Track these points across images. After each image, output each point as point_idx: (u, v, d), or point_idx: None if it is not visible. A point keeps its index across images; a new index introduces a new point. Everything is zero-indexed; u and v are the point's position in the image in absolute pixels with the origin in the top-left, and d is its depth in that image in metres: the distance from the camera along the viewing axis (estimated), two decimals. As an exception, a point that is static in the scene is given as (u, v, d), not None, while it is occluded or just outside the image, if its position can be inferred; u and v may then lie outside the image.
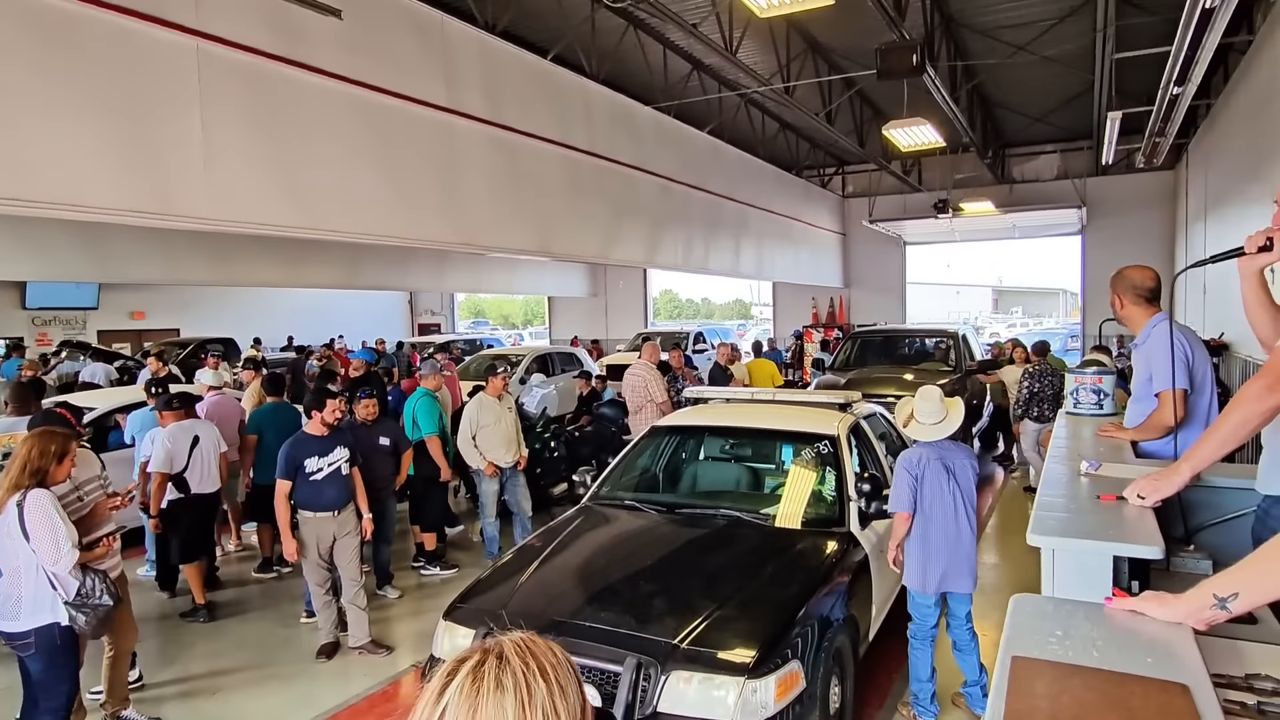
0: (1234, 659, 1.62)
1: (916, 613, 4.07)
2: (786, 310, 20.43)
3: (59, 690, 3.41)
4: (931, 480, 3.96)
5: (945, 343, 10.15)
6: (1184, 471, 2.10)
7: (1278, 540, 1.46)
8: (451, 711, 0.83)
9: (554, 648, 0.91)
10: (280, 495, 4.86)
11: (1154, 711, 1.08)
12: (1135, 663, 1.28)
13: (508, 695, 0.83)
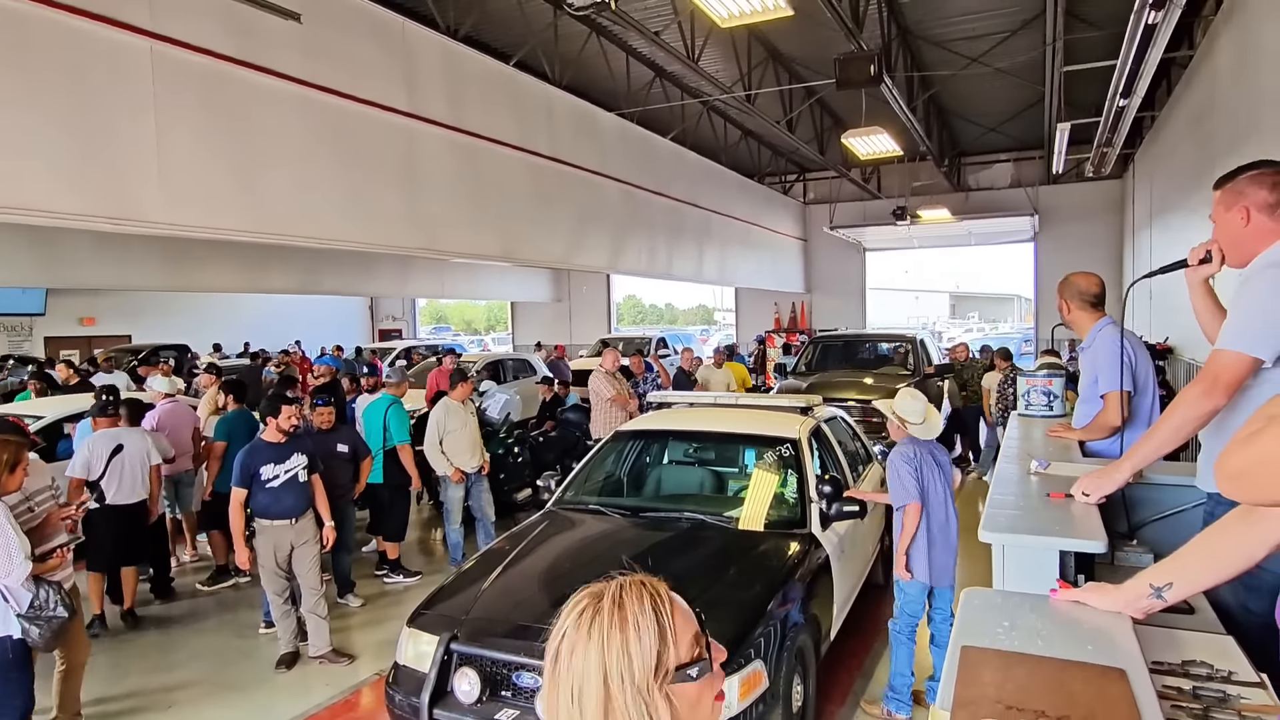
0: (1171, 647, 1.69)
1: (907, 606, 4.13)
2: (749, 315, 20.63)
3: (12, 705, 3.32)
4: (927, 471, 4.09)
5: (904, 347, 10.35)
6: (1125, 469, 2.19)
7: (1206, 533, 1.54)
8: (569, 636, 1.02)
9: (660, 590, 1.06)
10: (235, 503, 4.79)
11: (1092, 695, 1.13)
12: (1077, 650, 1.34)
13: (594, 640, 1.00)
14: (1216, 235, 2.22)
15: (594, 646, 1.00)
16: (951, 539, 4.14)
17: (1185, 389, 2.18)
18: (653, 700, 0.99)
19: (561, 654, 1.03)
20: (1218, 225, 2.20)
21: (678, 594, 1.14)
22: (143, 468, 5.58)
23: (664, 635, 1.01)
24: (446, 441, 6.27)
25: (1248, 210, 2.06)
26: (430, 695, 3.29)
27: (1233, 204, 2.10)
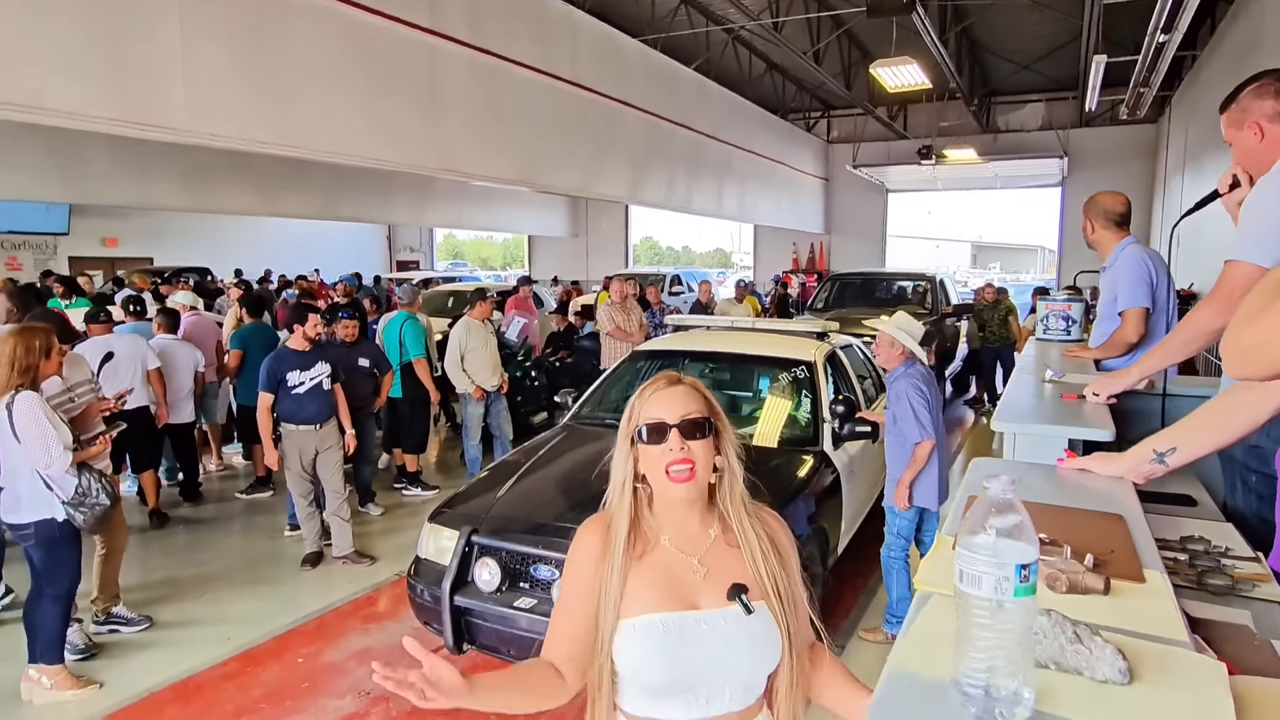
0: (1172, 528, 1.76)
1: (902, 531, 4.18)
2: (767, 255, 20.48)
3: (60, 579, 3.50)
4: (934, 400, 4.14)
5: (923, 286, 10.30)
6: (1134, 374, 2.23)
7: (1211, 401, 1.59)
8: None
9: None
10: (263, 408, 4.92)
11: (1091, 531, 1.20)
12: (1079, 504, 1.40)
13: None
14: (1235, 158, 2.20)
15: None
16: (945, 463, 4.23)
17: (1200, 303, 2.20)
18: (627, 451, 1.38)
19: None
20: (1234, 147, 2.18)
21: None
22: (135, 374, 5.49)
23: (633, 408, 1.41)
24: (468, 359, 6.36)
25: (1259, 125, 2.04)
26: (451, 583, 3.44)
27: (1241, 122, 2.07)
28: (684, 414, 1.34)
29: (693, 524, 1.40)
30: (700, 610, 1.33)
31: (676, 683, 1.31)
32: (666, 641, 1.30)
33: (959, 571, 0.74)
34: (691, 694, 1.32)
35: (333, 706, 3.57)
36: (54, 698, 3.53)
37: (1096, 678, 0.77)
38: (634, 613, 1.32)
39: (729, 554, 1.38)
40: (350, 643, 4.15)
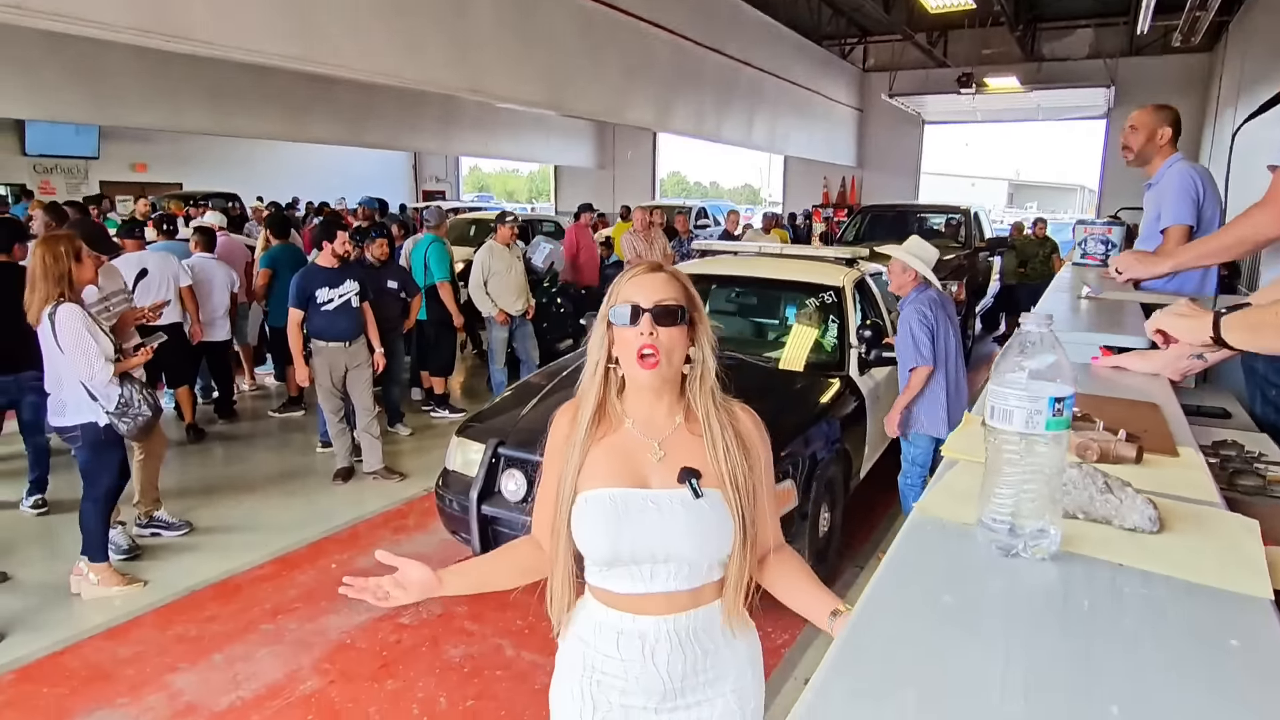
0: (1206, 436, 1.74)
1: (917, 459, 4.17)
2: (796, 189, 20.05)
3: (101, 480, 3.64)
4: (944, 329, 4.06)
5: (956, 219, 10.06)
6: (1165, 264, 2.17)
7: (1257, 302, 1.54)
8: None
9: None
10: (293, 324, 4.98)
11: (1125, 414, 1.18)
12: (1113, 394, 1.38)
13: None
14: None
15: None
16: (963, 391, 4.11)
17: (1252, 208, 2.12)
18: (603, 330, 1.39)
19: None
20: None
21: None
22: (169, 291, 5.54)
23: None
24: (491, 284, 6.36)
25: None
26: (479, 493, 3.51)
27: None
28: (658, 299, 1.35)
29: (660, 411, 1.42)
30: (650, 489, 1.38)
31: (619, 555, 1.36)
32: (612, 515, 1.36)
33: (990, 408, 0.73)
34: (635, 567, 1.38)
35: (364, 608, 3.67)
36: (101, 593, 3.70)
37: (1125, 525, 0.77)
38: (588, 487, 1.39)
39: (691, 441, 1.40)
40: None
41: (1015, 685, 0.51)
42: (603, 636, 1.43)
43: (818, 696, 0.49)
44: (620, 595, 1.41)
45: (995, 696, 0.50)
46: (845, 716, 0.48)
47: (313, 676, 3.18)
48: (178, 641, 3.41)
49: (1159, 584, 0.66)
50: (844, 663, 0.54)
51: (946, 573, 0.68)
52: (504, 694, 3.08)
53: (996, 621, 0.60)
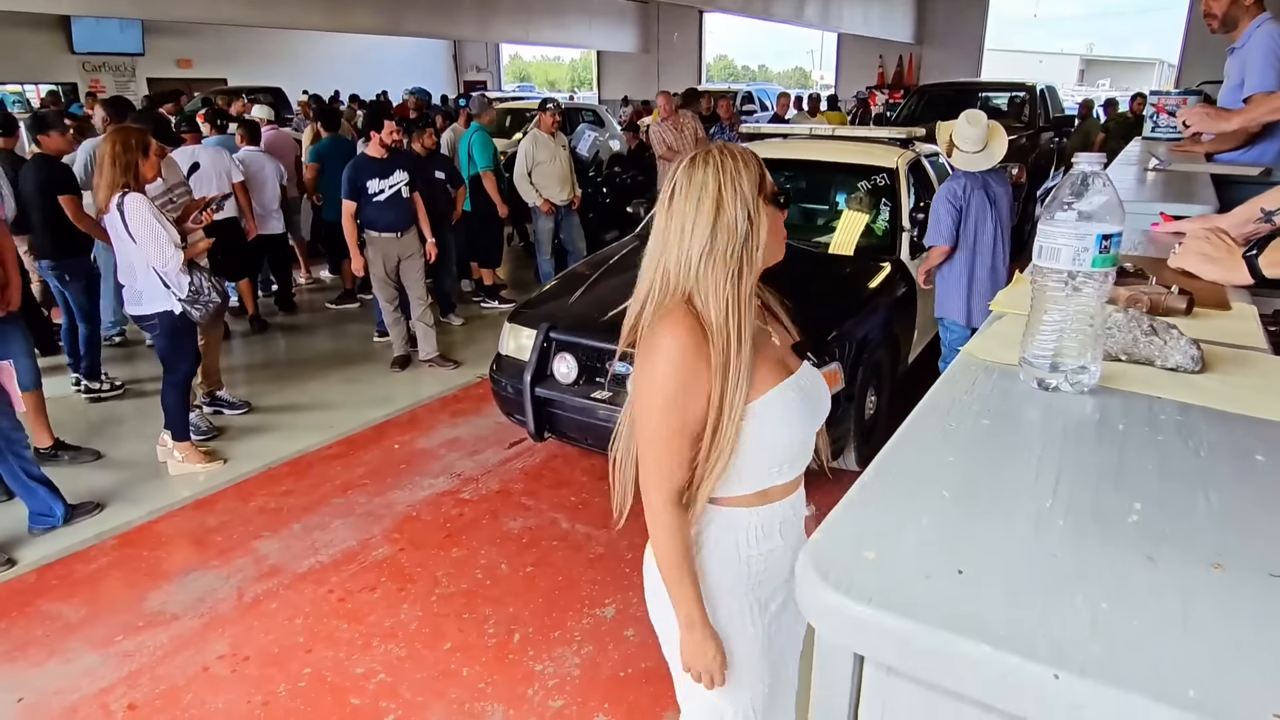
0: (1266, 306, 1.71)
1: (955, 343, 4.16)
2: (850, 71, 19.11)
3: (179, 365, 3.86)
4: (976, 212, 3.92)
5: (1020, 97, 9.54)
6: (1236, 120, 2.07)
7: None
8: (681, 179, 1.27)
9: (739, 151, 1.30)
10: (347, 215, 5.06)
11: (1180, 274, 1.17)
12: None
13: (710, 166, 1.25)
14: None
15: (710, 172, 1.23)
16: (999, 281, 3.93)
17: None
18: (757, 210, 1.23)
19: (676, 193, 1.26)
20: None
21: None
22: (221, 185, 5.54)
23: (761, 165, 1.26)
24: (535, 173, 6.31)
25: None
26: (532, 376, 3.63)
27: None
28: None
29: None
30: (796, 374, 1.36)
31: (807, 445, 1.37)
32: (796, 408, 1.32)
33: (1037, 248, 0.74)
34: (805, 452, 1.38)
35: (427, 484, 3.93)
36: (186, 469, 3.99)
37: (1168, 365, 0.79)
38: (760, 392, 1.29)
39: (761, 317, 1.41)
40: (440, 433, 4.48)
41: (1047, 480, 0.56)
42: (756, 537, 1.38)
43: (861, 490, 0.54)
44: (782, 485, 1.37)
45: (1026, 496, 0.54)
46: (887, 502, 0.53)
47: (383, 544, 3.42)
48: (259, 513, 3.68)
49: (1195, 413, 0.69)
50: (887, 461, 0.58)
51: (985, 400, 0.72)
52: (560, 562, 3.28)
53: (1032, 439, 0.64)
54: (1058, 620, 0.42)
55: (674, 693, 1.58)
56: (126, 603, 3.03)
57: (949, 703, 0.43)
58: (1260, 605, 0.43)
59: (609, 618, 2.92)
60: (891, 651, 0.44)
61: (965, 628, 0.41)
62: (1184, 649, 0.40)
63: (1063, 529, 0.51)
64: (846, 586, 0.44)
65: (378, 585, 3.13)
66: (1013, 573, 0.46)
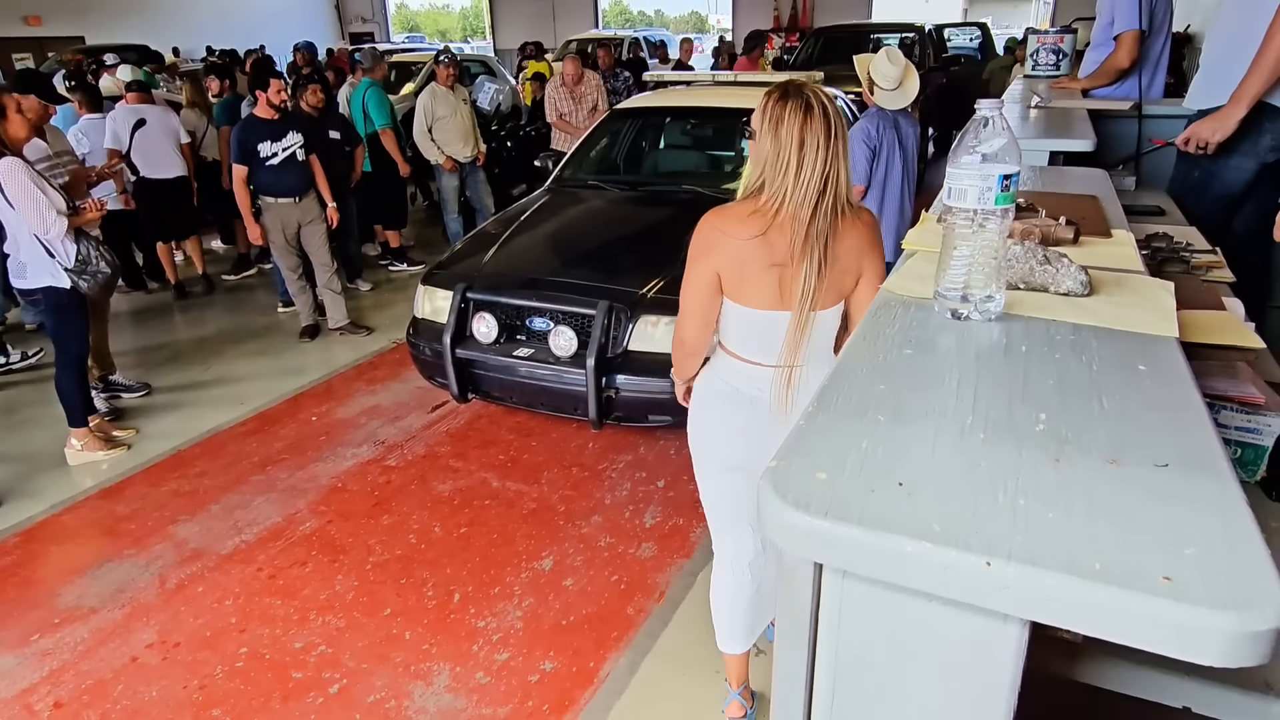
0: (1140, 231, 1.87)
1: None
2: (746, 14, 19.13)
3: (70, 345, 3.64)
4: (887, 151, 4.04)
5: (911, 38, 9.79)
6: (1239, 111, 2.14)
7: None
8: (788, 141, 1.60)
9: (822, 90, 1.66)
10: (238, 180, 4.82)
11: (1066, 205, 1.28)
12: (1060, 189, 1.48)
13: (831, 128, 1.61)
14: None
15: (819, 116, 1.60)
16: (905, 221, 4.07)
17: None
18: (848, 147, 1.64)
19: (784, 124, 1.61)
20: None
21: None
22: (167, 142, 5.75)
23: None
24: (436, 129, 6.13)
25: None
26: (452, 337, 3.59)
27: None
28: None
29: None
30: None
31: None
32: None
33: (946, 189, 0.81)
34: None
35: (350, 453, 3.86)
36: (87, 458, 3.79)
37: (1060, 290, 0.88)
38: None
39: None
40: (359, 401, 4.39)
41: (966, 401, 0.62)
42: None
43: (809, 420, 0.60)
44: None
45: (950, 414, 0.61)
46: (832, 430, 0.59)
47: (310, 518, 3.36)
48: (173, 497, 3.55)
49: (1086, 332, 0.78)
50: (829, 394, 0.64)
51: (906, 332, 0.78)
52: (494, 520, 3.31)
53: (949, 364, 0.71)
54: (985, 518, 0.48)
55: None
56: (38, 600, 2.90)
57: (896, 596, 0.49)
58: (1149, 489, 0.51)
59: (547, 569, 2.98)
60: (846, 557, 0.49)
61: (908, 530, 0.47)
62: (1090, 531, 0.47)
63: (982, 441, 0.57)
64: (805, 504, 0.50)
65: (308, 559, 3.09)
66: (943, 481, 0.52)
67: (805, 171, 1.57)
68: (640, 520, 3.25)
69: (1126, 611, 0.42)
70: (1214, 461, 0.53)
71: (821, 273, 1.62)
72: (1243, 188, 2.32)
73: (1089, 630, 0.42)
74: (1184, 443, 0.56)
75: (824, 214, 1.60)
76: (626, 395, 3.41)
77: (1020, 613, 0.45)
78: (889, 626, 0.51)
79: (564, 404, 3.55)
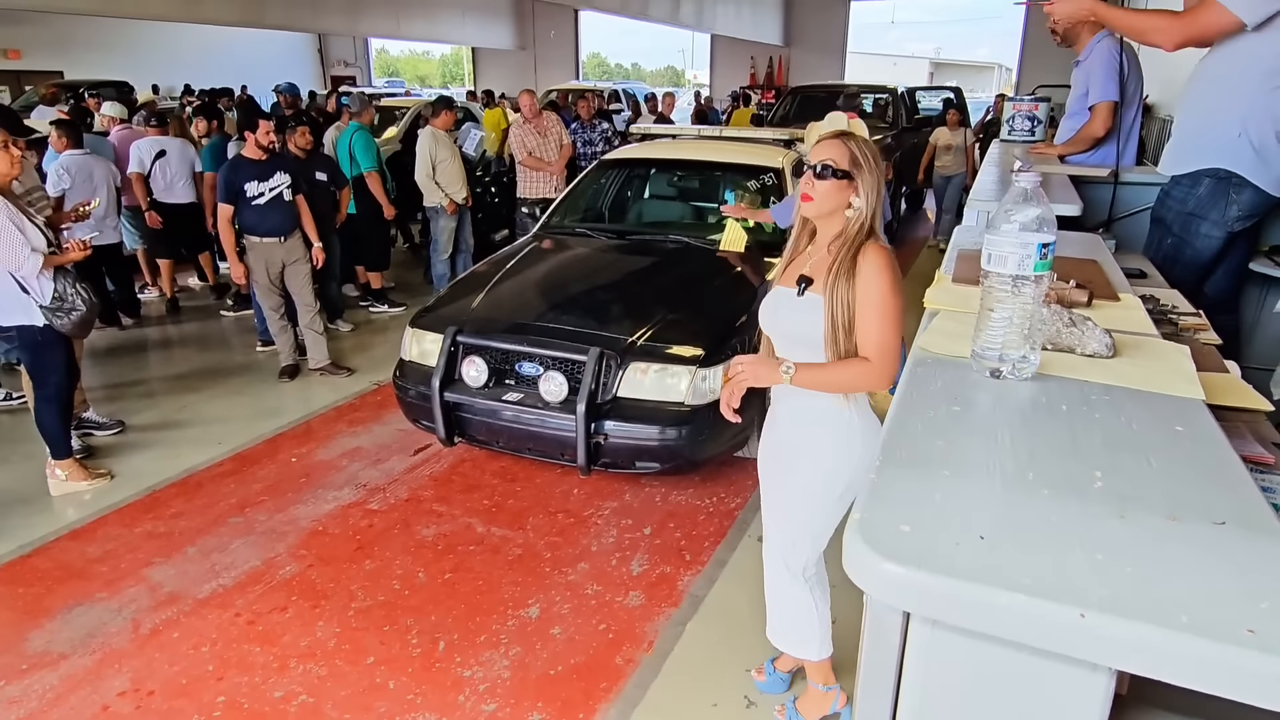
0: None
1: None
2: (724, 71, 19.68)
3: (51, 378, 3.56)
4: None
5: (884, 99, 10.14)
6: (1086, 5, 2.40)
7: None
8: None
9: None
10: (223, 219, 4.81)
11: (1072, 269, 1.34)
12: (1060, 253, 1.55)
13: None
14: None
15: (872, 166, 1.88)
16: None
17: (1167, 12, 2.27)
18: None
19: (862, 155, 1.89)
20: None
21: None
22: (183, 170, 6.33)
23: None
24: (439, 172, 6.17)
25: None
26: (440, 380, 3.58)
27: None
28: (822, 159, 1.85)
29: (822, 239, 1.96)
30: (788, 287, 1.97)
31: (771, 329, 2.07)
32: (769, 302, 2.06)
33: (986, 255, 0.85)
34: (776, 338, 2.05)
35: (331, 496, 3.80)
36: (70, 488, 3.71)
37: (1086, 352, 0.92)
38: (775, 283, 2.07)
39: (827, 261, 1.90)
40: (340, 443, 4.34)
41: (1023, 457, 0.65)
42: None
43: (879, 473, 0.62)
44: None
45: (1010, 466, 0.64)
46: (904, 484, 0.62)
47: (290, 562, 3.29)
48: (148, 538, 3.45)
49: (1119, 392, 0.82)
50: (891, 448, 0.67)
51: (949, 390, 0.82)
52: (479, 566, 3.27)
53: (998, 421, 0.74)
54: (1069, 570, 0.51)
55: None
56: (4, 645, 2.79)
57: (984, 645, 0.51)
58: (1212, 545, 0.54)
59: (534, 617, 2.94)
60: (938, 606, 0.52)
61: (1000, 581, 0.50)
62: (1169, 585, 0.50)
63: (1047, 497, 0.60)
64: (897, 555, 0.52)
65: (288, 604, 3.02)
66: (1021, 535, 0.55)
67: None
68: (627, 568, 3.24)
69: (1216, 662, 0.44)
70: (1267, 520, 0.57)
71: None
72: (1213, 254, 2.43)
73: (1178, 680, 0.45)
74: (1235, 501, 0.60)
75: None
76: (615, 441, 3.42)
77: (1111, 662, 0.48)
78: (975, 674, 0.53)
79: (551, 449, 3.55)
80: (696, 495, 3.78)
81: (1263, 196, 2.26)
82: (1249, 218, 2.31)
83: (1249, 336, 2.65)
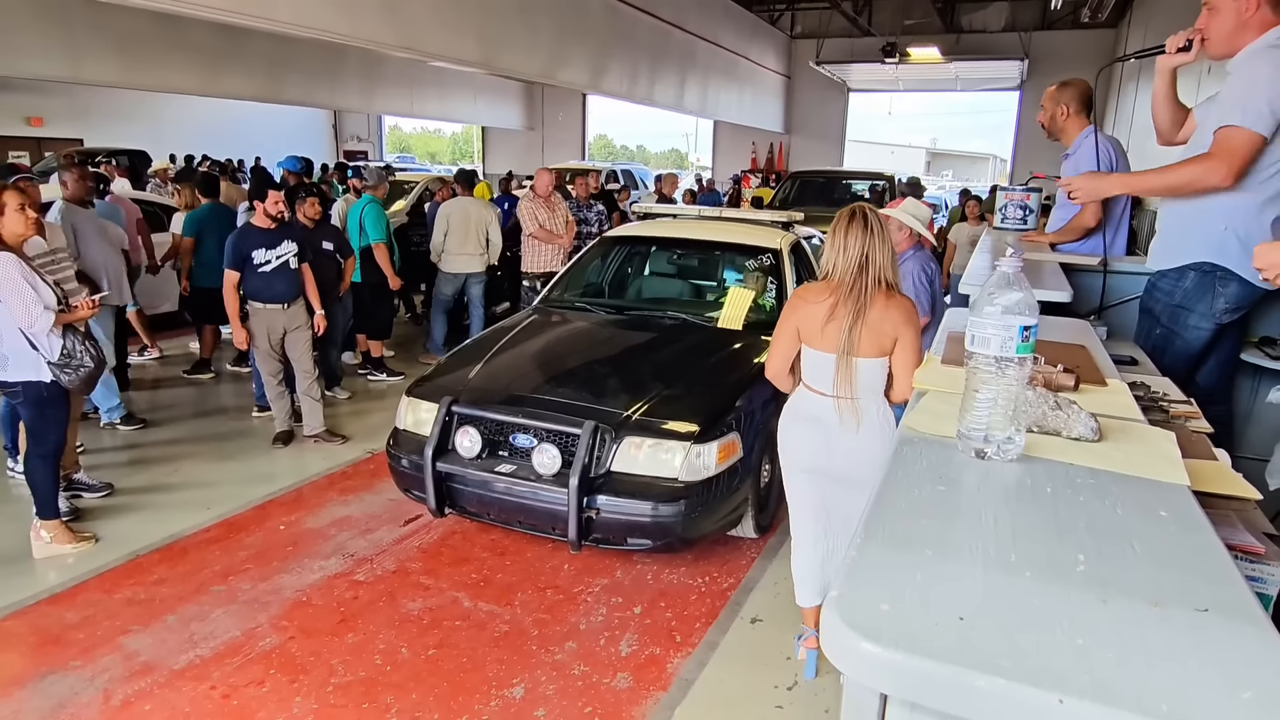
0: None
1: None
2: (725, 154, 20.27)
3: (46, 438, 3.56)
4: (938, 285, 4.22)
5: (881, 185, 10.42)
6: (1115, 184, 2.43)
7: None
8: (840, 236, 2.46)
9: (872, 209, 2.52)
10: (229, 285, 4.86)
11: (1059, 353, 1.36)
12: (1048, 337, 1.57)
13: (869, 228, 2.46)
14: (1208, 22, 2.30)
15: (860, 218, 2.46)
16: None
17: (1202, 157, 2.27)
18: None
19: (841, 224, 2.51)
20: (1215, 11, 2.28)
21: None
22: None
23: None
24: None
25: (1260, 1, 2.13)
26: (434, 450, 3.57)
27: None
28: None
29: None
30: None
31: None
32: None
33: (970, 336, 0.87)
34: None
35: (317, 566, 3.73)
36: (54, 550, 3.65)
37: (1072, 435, 0.93)
38: None
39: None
40: (329, 511, 4.28)
41: (1006, 538, 0.65)
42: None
43: (860, 551, 0.62)
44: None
45: (992, 547, 0.64)
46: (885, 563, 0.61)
47: (271, 633, 3.20)
48: (127, 605, 3.37)
49: (1103, 476, 0.82)
50: (874, 526, 0.67)
51: (935, 469, 0.82)
52: (464, 643, 3.18)
53: (982, 503, 0.74)
54: (1049, 655, 0.50)
55: None
56: (-31, 715, 2.69)
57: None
58: (1194, 633, 0.53)
59: (518, 698, 2.85)
60: (916, 688, 0.51)
61: (978, 664, 0.49)
62: (1150, 672, 0.49)
63: (1029, 579, 0.60)
64: (874, 635, 0.51)
65: (266, 678, 2.92)
66: (1002, 617, 0.55)
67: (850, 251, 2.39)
68: (616, 648, 3.15)
69: (1198, 754, 0.43)
70: (1249, 609, 0.57)
71: (856, 325, 2.37)
72: (1202, 345, 2.45)
73: (1160, 772, 0.44)
74: (1217, 589, 0.59)
75: (865, 283, 2.37)
76: (607, 516, 3.39)
77: (1091, 751, 0.47)
78: (954, 761, 0.52)
79: (543, 523, 3.51)
80: (689, 574, 3.72)
81: (1249, 289, 2.29)
82: (1236, 310, 2.34)
83: (1243, 426, 2.65)
